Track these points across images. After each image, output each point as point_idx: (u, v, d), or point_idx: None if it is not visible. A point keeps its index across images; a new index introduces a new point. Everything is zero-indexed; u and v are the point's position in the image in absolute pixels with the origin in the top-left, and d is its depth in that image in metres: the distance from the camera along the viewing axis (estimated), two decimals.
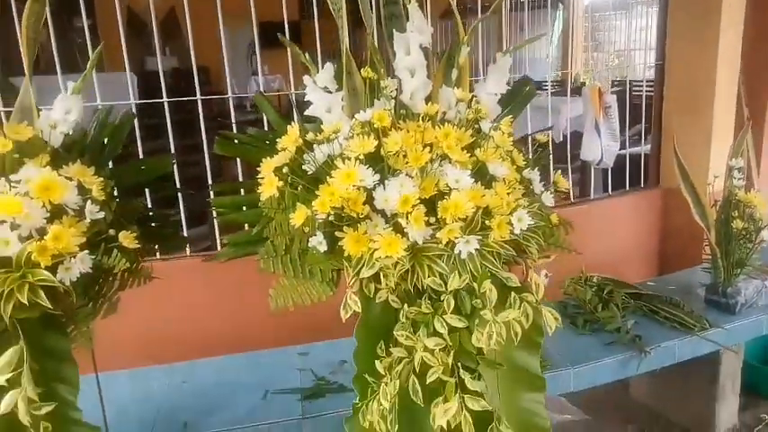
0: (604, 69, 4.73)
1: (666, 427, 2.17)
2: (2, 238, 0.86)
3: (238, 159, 2.15)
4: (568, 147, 3.06)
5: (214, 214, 2.15)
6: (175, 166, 2.00)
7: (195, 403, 1.52)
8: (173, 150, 2.11)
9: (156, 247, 1.24)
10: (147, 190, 1.29)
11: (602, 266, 2.27)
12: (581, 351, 1.73)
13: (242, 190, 1.23)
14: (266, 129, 1.60)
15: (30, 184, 0.88)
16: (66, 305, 0.94)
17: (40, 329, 0.92)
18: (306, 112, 1.04)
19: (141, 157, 2.04)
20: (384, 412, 0.90)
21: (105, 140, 1.14)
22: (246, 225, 1.17)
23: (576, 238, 1.17)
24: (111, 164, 1.15)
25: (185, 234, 2.22)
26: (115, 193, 1.05)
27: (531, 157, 1.14)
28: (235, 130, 1.30)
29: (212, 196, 1.24)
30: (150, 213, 1.14)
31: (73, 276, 0.89)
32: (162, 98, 2.13)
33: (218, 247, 2.27)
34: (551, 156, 1.74)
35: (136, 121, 1.86)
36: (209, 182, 2.19)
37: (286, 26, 2.03)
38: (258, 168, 1.01)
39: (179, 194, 1.87)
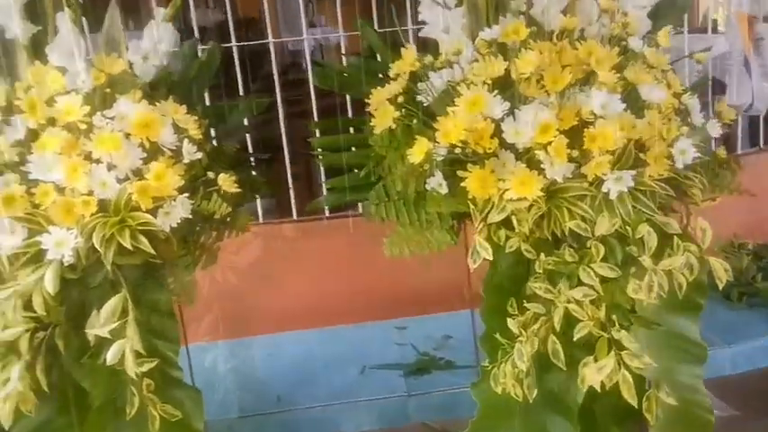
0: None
1: None
2: (100, 180, 0.92)
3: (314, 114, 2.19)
4: (709, 94, 2.91)
5: (290, 182, 2.23)
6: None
7: (285, 377, 1.59)
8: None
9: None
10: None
11: (755, 233, 2.17)
12: (738, 328, 1.67)
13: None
14: None
15: (126, 120, 0.94)
16: (166, 254, 1.00)
17: (140, 280, 0.98)
18: (420, 34, 1.05)
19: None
20: (520, 375, 0.91)
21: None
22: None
23: (722, 200, 1.13)
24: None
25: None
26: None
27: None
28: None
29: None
30: (243, 157, 1.18)
31: (173, 222, 0.94)
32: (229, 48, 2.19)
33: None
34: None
35: None
36: (284, 143, 2.24)
37: None
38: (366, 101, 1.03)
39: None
